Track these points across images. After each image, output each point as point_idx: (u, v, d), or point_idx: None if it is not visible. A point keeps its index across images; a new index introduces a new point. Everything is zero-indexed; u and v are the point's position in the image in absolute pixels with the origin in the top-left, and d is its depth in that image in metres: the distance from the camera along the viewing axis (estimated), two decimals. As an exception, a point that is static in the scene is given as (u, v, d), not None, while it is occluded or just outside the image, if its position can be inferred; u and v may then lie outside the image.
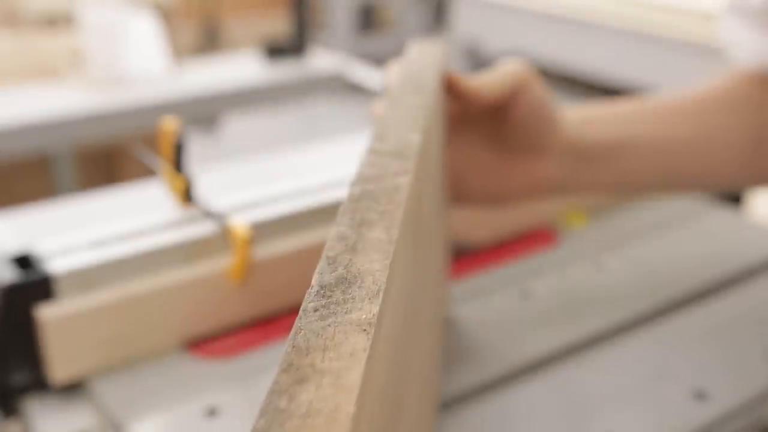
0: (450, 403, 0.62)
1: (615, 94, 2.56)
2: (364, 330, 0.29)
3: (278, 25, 4.67)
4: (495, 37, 2.84)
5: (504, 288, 0.77)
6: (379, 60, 5.10)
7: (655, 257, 0.83)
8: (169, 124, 0.71)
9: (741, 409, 0.61)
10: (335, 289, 0.33)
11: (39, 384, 0.63)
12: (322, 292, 0.33)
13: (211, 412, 0.60)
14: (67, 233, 0.68)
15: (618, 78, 2.44)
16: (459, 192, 0.64)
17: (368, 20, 5.25)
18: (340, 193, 0.77)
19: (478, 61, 3.06)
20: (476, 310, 0.74)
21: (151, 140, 1.34)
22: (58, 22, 2.10)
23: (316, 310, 0.31)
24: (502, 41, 2.82)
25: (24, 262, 0.65)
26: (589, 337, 0.69)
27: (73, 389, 0.65)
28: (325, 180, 0.79)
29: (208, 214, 0.70)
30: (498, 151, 0.64)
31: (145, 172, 1.94)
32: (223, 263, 0.68)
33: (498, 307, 0.74)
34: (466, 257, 0.83)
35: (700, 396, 0.61)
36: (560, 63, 2.61)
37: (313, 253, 0.74)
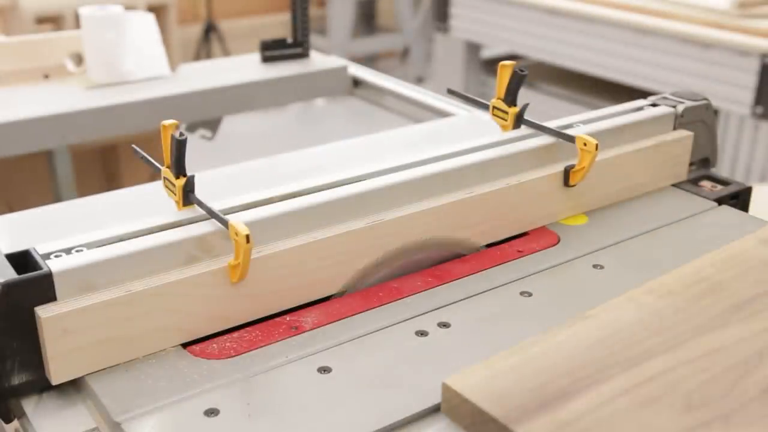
0: (450, 403, 0.61)
1: (615, 91, 2.56)
2: None
3: (278, 26, 4.66)
4: (495, 37, 2.84)
5: (504, 288, 0.77)
6: (378, 60, 5.09)
7: (654, 256, 0.83)
8: (169, 124, 0.71)
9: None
10: None
11: (39, 384, 0.64)
12: None
13: (211, 412, 0.60)
14: (67, 234, 0.68)
15: (617, 75, 2.44)
16: None
17: (368, 21, 5.25)
18: (340, 194, 0.77)
19: (478, 61, 3.06)
20: (477, 309, 0.74)
21: (151, 140, 1.34)
22: (58, 22, 2.10)
23: None
24: (502, 41, 2.82)
25: (24, 262, 0.65)
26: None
27: (73, 389, 0.65)
28: (325, 180, 0.79)
29: (208, 214, 0.70)
30: None
31: (145, 172, 1.94)
32: (223, 263, 0.69)
33: (498, 306, 0.74)
34: (467, 257, 0.83)
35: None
36: (560, 60, 2.61)
37: (312, 253, 0.74)
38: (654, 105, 1.01)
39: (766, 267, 0.73)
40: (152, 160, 0.76)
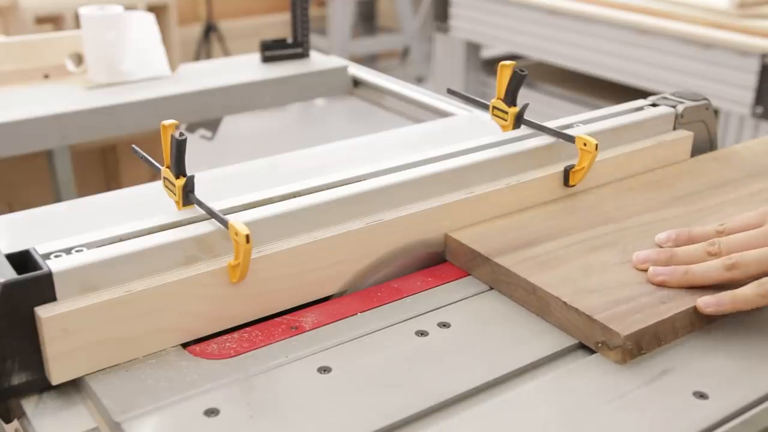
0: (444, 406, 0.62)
1: (615, 91, 2.56)
2: None
3: (278, 26, 4.67)
4: (495, 37, 2.84)
5: (504, 288, 0.77)
6: (378, 60, 5.09)
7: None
8: (169, 124, 0.71)
9: (741, 410, 0.61)
10: None
11: (39, 384, 0.64)
12: None
13: (211, 412, 0.60)
14: (67, 234, 0.68)
15: (617, 75, 2.44)
16: None
17: (368, 21, 5.25)
18: (340, 194, 0.77)
19: (478, 60, 3.06)
20: (477, 309, 0.74)
21: (151, 140, 1.33)
22: (58, 22, 2.10)
23: None
24: (502, 41, 2.82)
25: (24, 262, 0.65)
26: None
27: (73, 389, 0.65)
28: (325, 180, 0.79)
29: (208, 214, 0.70)
30: None
31: (145, 172, 1.93)
32: (223, 263, 0.68)
33: (498, 306, 0.74)
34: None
35: (701, 396, 0.61)
36: (560, 60, 2.61)
37: (312, 253, 0.74)
38: (654, 105, 1.01)
39: (710, 174, 0.95)
40: (152, 160, 0.76)
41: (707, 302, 0.68)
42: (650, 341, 0.66)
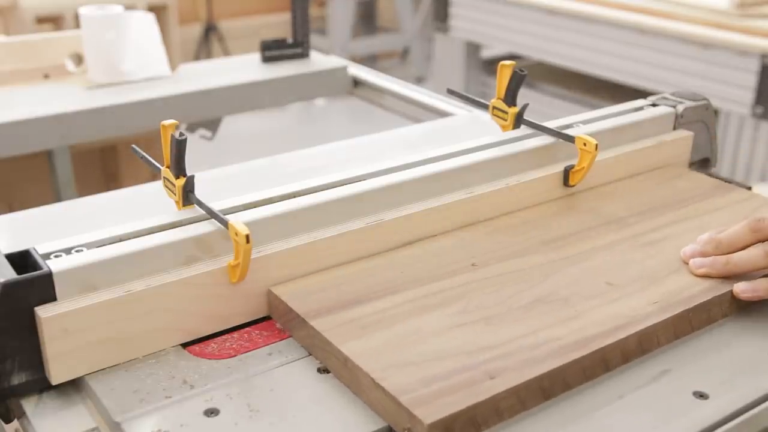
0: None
1: (615, 91, 2.56)
2: None
3: (278, 26, 4.67)
4: (495, 37, 2.84)
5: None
6: (378, 60, 5.09)
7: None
8: (169, 124, 0.71)
9: (741, 410, 0.61)
10: None
11: (39, 384, 0.64)
12: None
13: (211, 412, 0.60)
14: (67, 234, 0.68)
15: (617, 75, 2.44)
16: None
17: (368, 21, 5.25)
18: (340, 194, 0.77)
19: (478, 60, 3.06)
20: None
21: (151, 140, 1.33)
22: (58, 22, 2.10)
23: None
24: (502, 41, 2.82)
25: (24, 262, 0.65)
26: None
27: (73, 389, 0.65)
28: (325, 180, 0.79)
29: (208, 214, 0.70)
30: None
31: (145, 172, 1.93)
32: (223, 263, 0.68)
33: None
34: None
35: (701, 396, 0.61)
36: (560, 60, 2.61)
37: (312, 253, 0.74)
38: (654, 105, 1.01)
39: (586, 214, 0.85)
40: (152, 160, 0.76)
41: (743, 288, 0.70)
42: (465, 427, 0.55)
